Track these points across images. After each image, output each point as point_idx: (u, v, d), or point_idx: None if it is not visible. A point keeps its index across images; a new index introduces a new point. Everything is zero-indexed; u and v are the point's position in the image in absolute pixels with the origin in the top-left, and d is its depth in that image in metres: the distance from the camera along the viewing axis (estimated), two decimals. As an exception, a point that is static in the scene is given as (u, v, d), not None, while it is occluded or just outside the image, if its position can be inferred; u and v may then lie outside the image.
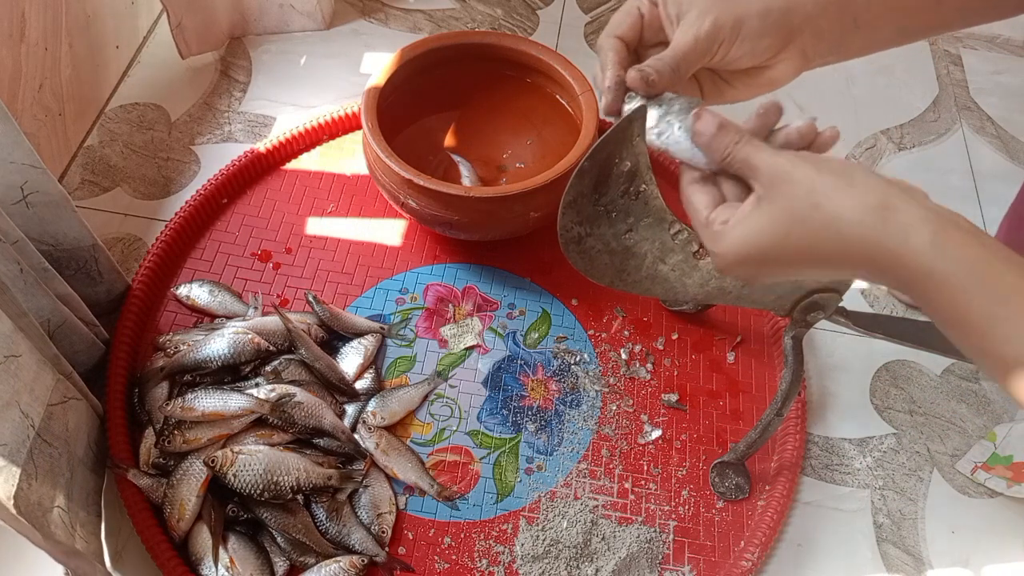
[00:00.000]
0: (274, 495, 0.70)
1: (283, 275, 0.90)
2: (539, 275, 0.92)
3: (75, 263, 0.79)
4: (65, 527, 0.64)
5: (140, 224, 0.94)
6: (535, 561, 0.73)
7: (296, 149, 1.00)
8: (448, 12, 1.21)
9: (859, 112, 1.14)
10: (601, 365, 0.86)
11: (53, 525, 0.63)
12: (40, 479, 0.63)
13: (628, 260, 0.60)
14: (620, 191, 0.56)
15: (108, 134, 1.02)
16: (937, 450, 0.84)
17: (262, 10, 1.12)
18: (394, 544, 0.74)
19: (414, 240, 0.94)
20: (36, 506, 0.61)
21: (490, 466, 0.79)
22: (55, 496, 0.64)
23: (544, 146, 0.97)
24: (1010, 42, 1.25)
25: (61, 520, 0.64)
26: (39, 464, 0.63)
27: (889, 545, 0.78)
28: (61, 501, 0.65)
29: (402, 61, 0.88)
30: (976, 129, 1.13)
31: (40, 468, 0.63)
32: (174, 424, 0.73)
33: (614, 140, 0.53)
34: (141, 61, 1.11)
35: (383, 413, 0.79)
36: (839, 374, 0.89)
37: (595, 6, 1.24)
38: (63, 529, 0.64)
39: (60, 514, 0.64)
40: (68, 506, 0.66)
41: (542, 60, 0.91)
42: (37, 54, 0.89)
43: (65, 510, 0.65)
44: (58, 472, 0.65)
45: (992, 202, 1.04)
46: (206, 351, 0.77)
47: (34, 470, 0.62)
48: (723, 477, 0.78)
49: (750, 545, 0.75)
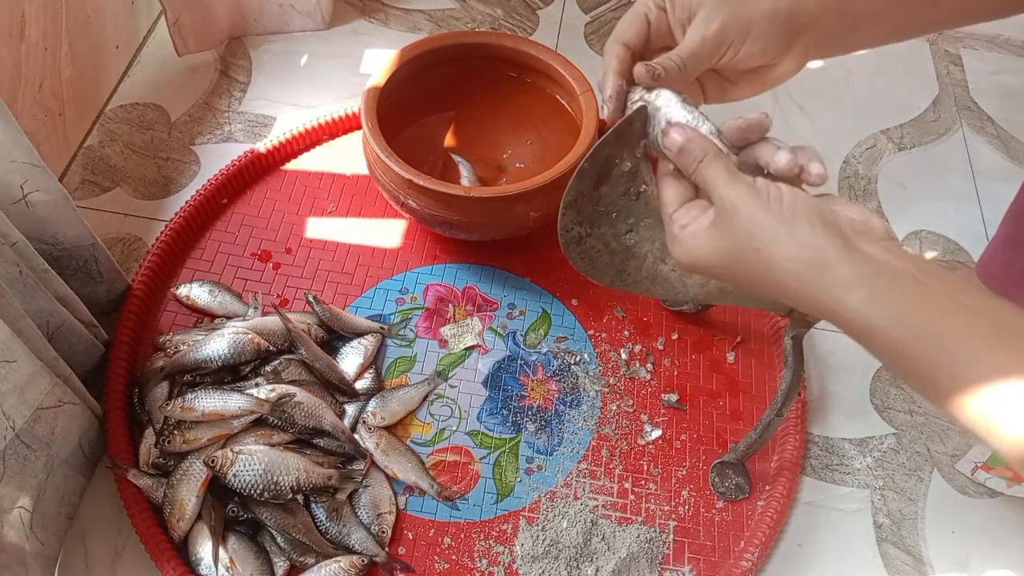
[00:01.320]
0: (274, 495, 0.70)
1: (283, 275, 0.90)
2: (539, 275, 0.92)
3: (75, 263, 0.79)
4: (22, 527, 0.65)
5: (140, 224, 0.94)
6: (535, 561, 0.73)
7: (296, 149, 1.00)
8: (448, 12, 1.21)
9: (859, 112, 1.14)
10: (601, 365, 0.86)
11: (7, 525, 0.63)
12: (7, 480, 0.63)
13: (628, 260, 0.60)
14: (620, 191, 0.56)
15: (108, 134, 1.02)
16: (937, 450, 0.84)
17: (262, 10, 1.12)
18: (394, 544, 0.74)
19: (414, 240, 0.94)
20: None
21: (490, 466, 0.79)
22: (19, 497, 0.65)
23: (544, 146, 0.97)
24: (1010, 42, 1.25)
25: (20, 520, 0.65)
26: (9, 465, 0.63)
27: (889, 545, 0.78)
28: (26, 502, 0.65)
29: (402, 61, 0.88)
30: (976, 129, 1.13)
31: (10, 469, 0.63)
32: (174, 424, 0.73)
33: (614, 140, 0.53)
34: (141, 61, 1.11)
35: (383, 413, 0.79)
36: (839, 374, 0.89)
37: (595, 6, 1.24)
38: (17, 530, 0.64)
39: (21, 514, 0.65)
40: (35, 507, 0.66)
41: (542, 60, 0.91)
42: (37, 54, 0.89)
43: (29, 511, 0.66)
44: (29, 474, 0.66)
45: (992, 202, 1.04)
46: (206, 351, 0.77)
47: (2, 470, 0.62)
48: (723, 477, 0.78)
49: (750, 545, 0.75)
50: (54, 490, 0.69)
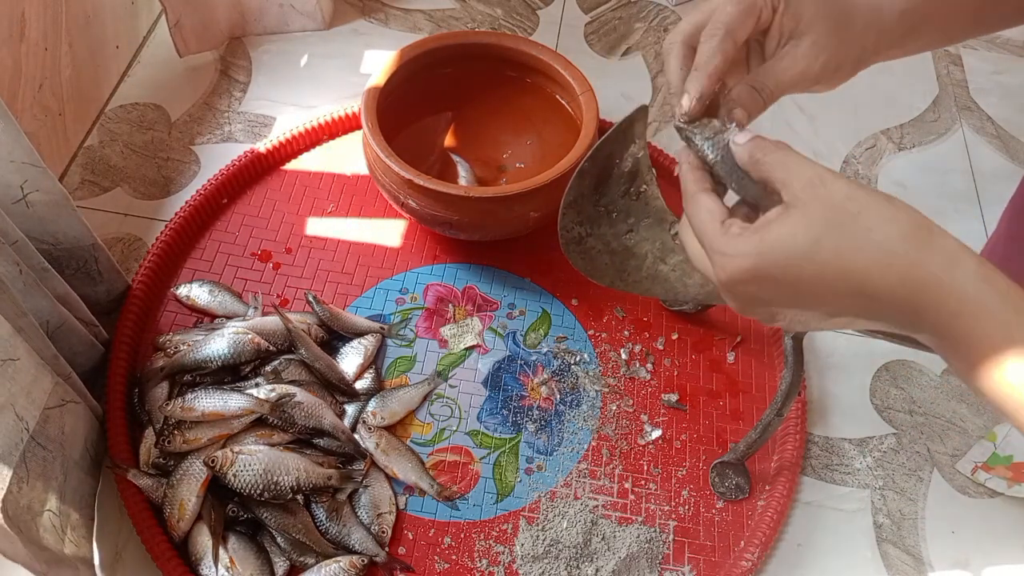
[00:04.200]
0: (274, 495, 0.70)
1: (283, 275, 0.90)
2: (539, 275, 0.92)
3: (75, 262, 0.79)
4: (55, 531, 0.64)
5: (140, 224, 0.94)
6: (535, 561, 0.73)
7: (296, 149, 1.00)
8: (448, 12, 1.21)
9: (859, 112, 1.14)
10: (601, 365, 0.86)
11: (43, 529, 0.63)
12: (32, 482, 0.62)
13: (628, 260, 0.60)
14: (621, 191, 0.56)
15: (108, 134, 1.02)
16: (937, 450, 0.84)
17: (262, 10, 1.12)
18: (394, 544, 0.74)
19: (414, 240, 0.94)
20: (26, 510, 0.61)
21: (490, 466, 0.79)
22: (46, 499, 0.64)
23: (544, 146, 0.97)
24: (1010, 42, 1.25)
25: (52, 524, 0.64)
26: (31, 467, 0.63)
27: (889, 545, 0.78)
28: (53, 504, 0.65)
29: (402, 61, 0.88)
30: (976, 129, 1.13)
31: (32, 471, 0.63)
32: (174, 424, 0.73)
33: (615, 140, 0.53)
34: (141, 61, 1.11)
35: (383, 413, 0.79)
36: (839, 374, 0.89)
37: (595, 6, 1.24)
38: (53, 533, 0.64)
39: (51, 517, 0.64)
40: (60, 509, 0.66)
41: (542, 60, 0.91)
42: (37, 54, 0.89)
43: (56, 513, 0.65)
44: (51, 475, 0.65)
45: (992, 202, 1.04)
46: (206, 351, 0.77)
47: (26, 473, 0.62)
48: (723, 477, 0.78)
49: (750, 545, 0.75)
50: (72, 492, 0.69)
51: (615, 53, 1.18)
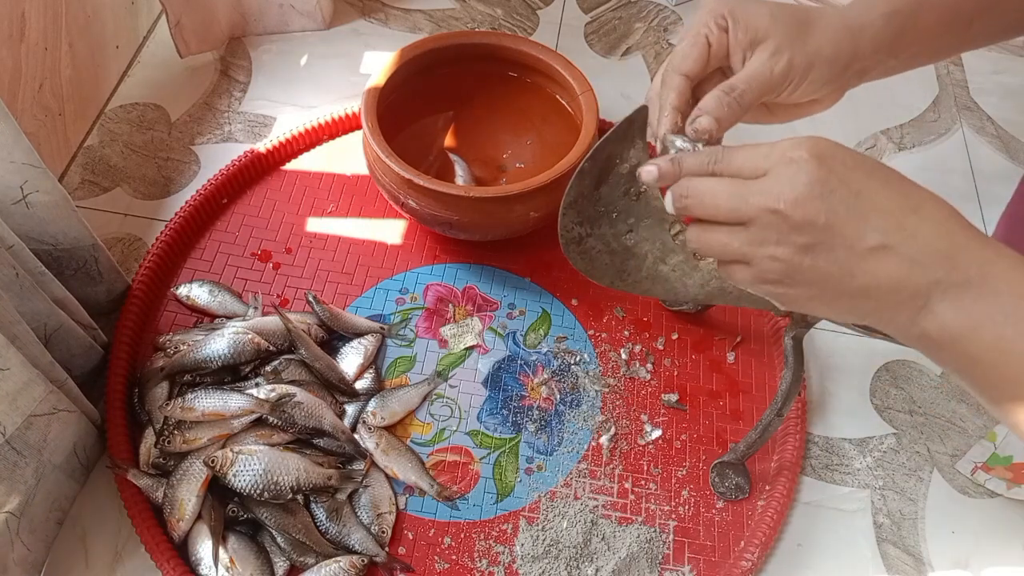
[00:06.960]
0: (274, 495, 0.70)
1: (283, 275, 0.90)
2: (539, 275, 0.92)
3: (75, 263, 0.79)
4: (7, 532, 0.65)
5: (140, 224, 0.94)
6: (535, 561, 0.73)
7: (296, 149, 1.00)
8: (448, 12, 1.21)
9: (859, 112, 1.14)
10: (601, 365, 0.86)
11: None
12: None
13: (628, 260, 0.60)
14: (620, 191, 0.56)
15: (108, 134, 1.02)
16: (937, 450, 0.84)
17: (262, 10, 1.12)
18: (394, 544, 0.74)
19: (414, 240, 0.94)
20: None
21: (490, 466, 0.79)
22: (5, 503, 0.65)
23: (544, 146, 0.97)
24: (1010, 42, 1.25)
25: (6, 526, 0.65)
26: None
27: (889, 545, 0.78)
28: (13, 507, 0.65)
29: (402, 61, 0.88)
30: (976, 129, 1.13)
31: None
32: (174, 424, 0.73)
33: (614, 141, 0.53)
34: (141, 61, 1.11)
35: (383, 413, 0.79)
36: (839, 374, 0.89)
37: (595, 6, 1.24)
38: (2, 535, 0.64)
39: (8, 519, 0.65)
40: (23, 512, 0.66)
41: (542, 60, 0.91)
42: (37, 54, 0.89)
43: (16, 516, 0.66)
44: (19, 479, 0.66)
45: (992, 202, 1.04)
46: (206, 351, 0.77)
47: None
48: (723, 477, 0.78)
49: (750, 545, 0.75)
50: (44, 496, 0.69)
51: (615, 53, 1.18)
